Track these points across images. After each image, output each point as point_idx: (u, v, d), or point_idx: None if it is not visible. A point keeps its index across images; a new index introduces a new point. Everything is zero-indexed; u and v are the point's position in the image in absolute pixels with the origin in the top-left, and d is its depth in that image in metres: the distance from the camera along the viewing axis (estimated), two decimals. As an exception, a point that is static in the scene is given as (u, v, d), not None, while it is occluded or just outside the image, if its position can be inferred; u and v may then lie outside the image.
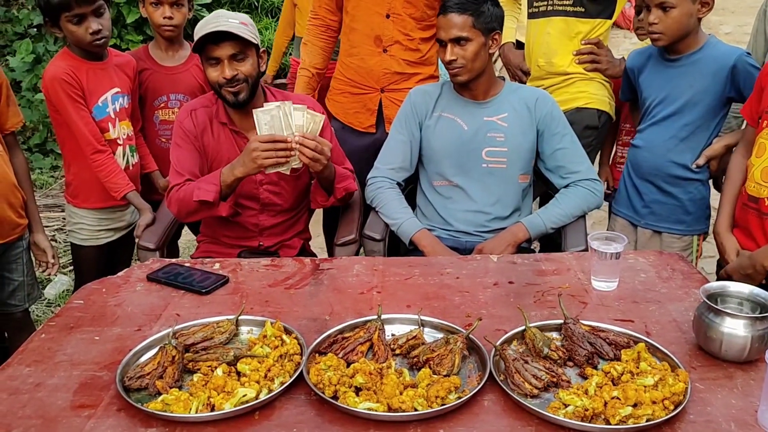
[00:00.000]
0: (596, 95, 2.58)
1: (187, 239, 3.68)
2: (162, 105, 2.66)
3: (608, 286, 1.76)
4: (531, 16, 2.62)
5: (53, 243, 2.46)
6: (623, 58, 2.57)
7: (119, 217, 2.54)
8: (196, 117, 2.18)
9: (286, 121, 1.95)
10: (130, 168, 2.50)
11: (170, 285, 1.81)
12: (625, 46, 7.42)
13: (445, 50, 2.18)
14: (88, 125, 2.35)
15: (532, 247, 2.41)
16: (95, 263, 2.57)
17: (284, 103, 1.95)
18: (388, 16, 2.54)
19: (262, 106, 1.98)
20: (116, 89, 2.43)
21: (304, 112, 1.97)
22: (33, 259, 2.38)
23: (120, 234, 2.58)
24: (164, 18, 2.54)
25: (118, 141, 2.44)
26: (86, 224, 2.51)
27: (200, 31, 2.03)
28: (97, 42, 2.30)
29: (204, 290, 1.76)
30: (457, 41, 2.15)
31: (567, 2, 2.52)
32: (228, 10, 5.56)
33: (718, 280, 2.05)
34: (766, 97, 1.98)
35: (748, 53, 2.23)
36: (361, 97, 2.66)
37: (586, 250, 2.12)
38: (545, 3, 2.56)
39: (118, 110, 2.43)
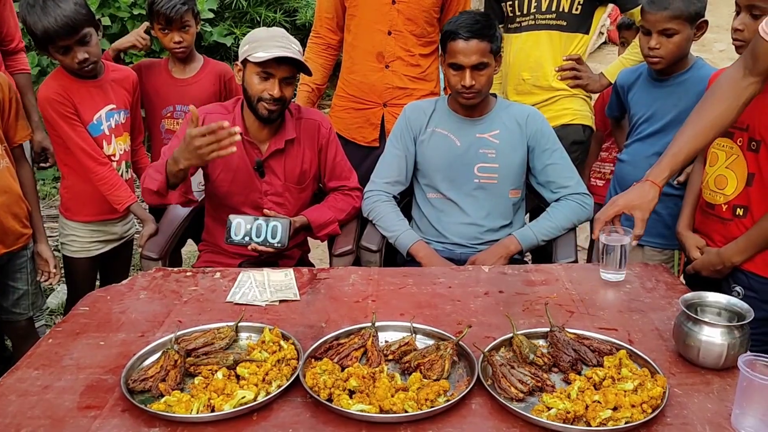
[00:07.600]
0: (580, 111, 2.67)
1: (192, 248, 3.74)
2: (168, 114, 2.74)
3: (616, 277, 1.88)
4: (513, 30, 2.68)
5: (55, 253, 2.51)
6: (602, 73, 2.67)
7: (110, 229, 2.58)
8: (206, 122, 2.22)
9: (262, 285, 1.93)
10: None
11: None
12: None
13: (462, 75, 2.20)
14: (86, 141, 2.39)
15: (525, 259, 2.47)
16: (87, 275, 2.62)
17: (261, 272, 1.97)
18: (389, 33, 2.62)
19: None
20: (111, 105, 2.46)
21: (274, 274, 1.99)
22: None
23: (112, 246, 2.61)
24: (174, 42, 2.64)
25: (113, 158, 2.47)
26: (78, 236, 2.54)
27: (267, 44, 2.08)
28: (86, 69, 2.33)
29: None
30: (477, 67, 2.20)
31: (549, 17, 2.59)
32: (231, 25, 5.67)
33: (685, 276, 2.11)
34: None
35: None
36: (364, 112, 2.73)
37: (575, 261, 2.19)
38: (528, 18, 2.62)
39: (113, 126, 2.47)
